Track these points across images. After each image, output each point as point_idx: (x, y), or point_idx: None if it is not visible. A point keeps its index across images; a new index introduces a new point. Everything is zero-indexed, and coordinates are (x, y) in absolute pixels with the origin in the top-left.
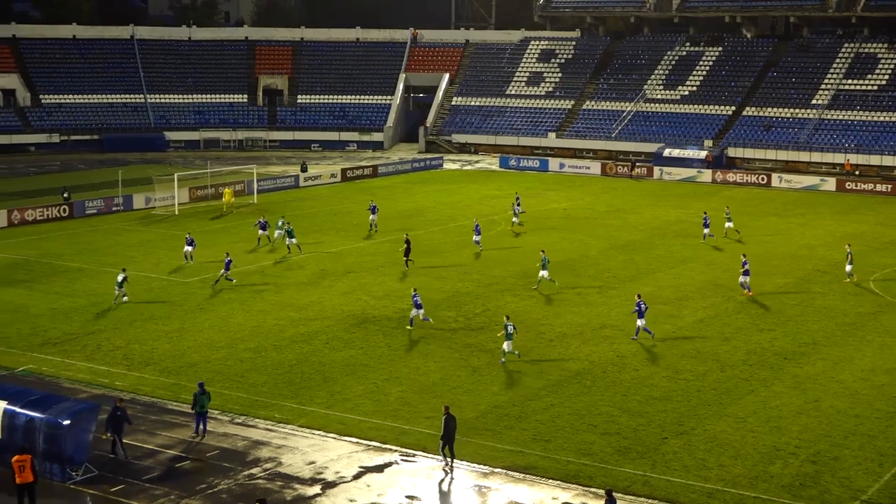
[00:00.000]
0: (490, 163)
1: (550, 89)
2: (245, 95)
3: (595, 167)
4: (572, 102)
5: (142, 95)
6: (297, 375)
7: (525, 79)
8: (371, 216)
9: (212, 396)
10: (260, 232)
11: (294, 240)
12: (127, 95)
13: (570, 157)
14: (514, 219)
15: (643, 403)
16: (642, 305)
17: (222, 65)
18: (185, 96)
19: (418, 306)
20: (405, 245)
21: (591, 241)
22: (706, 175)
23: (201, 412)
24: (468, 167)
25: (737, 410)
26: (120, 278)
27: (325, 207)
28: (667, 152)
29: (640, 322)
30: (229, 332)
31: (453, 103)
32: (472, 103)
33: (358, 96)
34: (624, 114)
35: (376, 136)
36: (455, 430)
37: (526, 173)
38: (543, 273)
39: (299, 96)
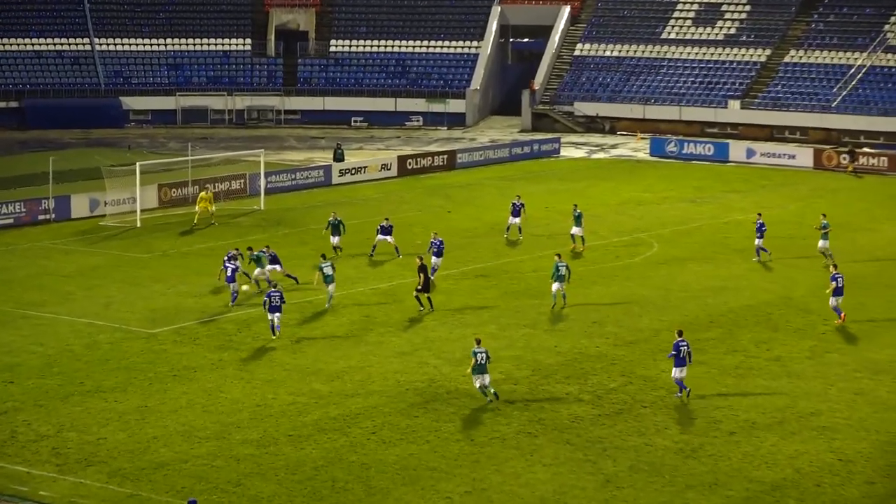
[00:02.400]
0: (635, 147)
1: (733, 31)
2: (248, 40)
3: (804, 155)
4: (768, 52)
5: (86, 40)
6: (325, 484)
7: (692, 14)
8: (379, 237)
9: None
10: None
11: (278, 267)
12: (62, 40)
13: (764, 139)
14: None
15: None
16: None
17: None
18: (154, 42)
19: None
20: (421, 276)
21: (796, 275)
22: None
23: None
24: (599, 154)
25: None
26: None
27: (373, 217)
28: None
29: None
30: (219, 414)
31: (577, 54)
32: (607, 53)
33: (425, 42)
34: (851, 71)
35: (454, 106)
36: None
37: (692, 164)
38: None
39: (332, 42)
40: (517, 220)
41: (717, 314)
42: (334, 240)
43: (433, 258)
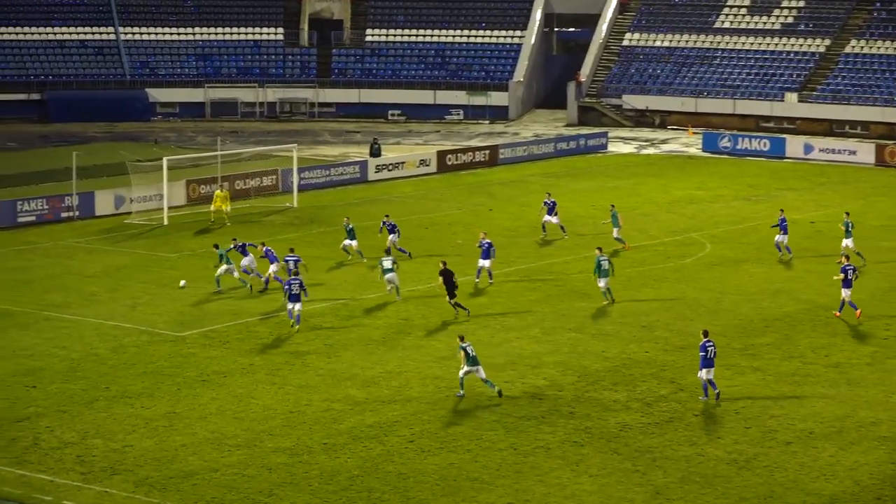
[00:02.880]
0: (687, 143)
1: (790, 21)
2: (280, 30)
3: (865, 151)
4: (827, 42)
5: (111, 29)
6: (360, 495)
7: (747, 2)
8: (389, 236)
9: None
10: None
11: (232, 268)
12: (86, 29)
13: (823, 133)
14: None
15: None
16: None
17: None
18: (182, 31)
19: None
20: (441, 279)
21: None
22: None
23: None
24: (650, 150)
25: None
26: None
27: (410, 216)
28: None
29: None
30: (250, 421)
31: (625, 44)
32: (657, 43)
33: (466, 31)
34: None
35: (496, 99)
36: None
37: (747, 160)
38: None
39: (368, 31)
40: (555, 218)
41: (773, 318)
42: (352, 243)
43: (480, 260)
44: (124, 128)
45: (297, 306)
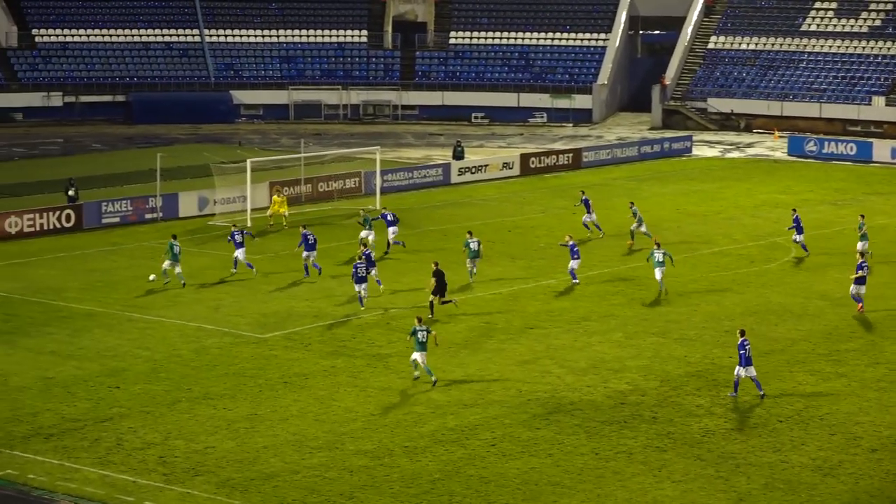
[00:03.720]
0: (772, 147)
1: (878, 23)
2: (364, 32)
3: None
4: None
5: (196, 31)
6: (441, 499)
7: (834, 5)
8: (369, 235)
9: None
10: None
11: (176, 263)
12: (171, 32)
13: None
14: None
15: None
16: None
17: None
18: (266, 33)
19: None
20: (433, 280)
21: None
22: None
23: None
24: (734, 153)
25: None
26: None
27: (494, 219)
28: None
29: None
30: (332, 424)
31: (710, 47)
32: (743, 46)
33: (550, 34)
34: None
35: (580, 101)
36: None
37: (833, 164)
38: None
39: (452, 34)
40: (593, 216)
41: (859, 324)
42: (370, 236)
43: (572, 261)
44: (208, 130)
45: (364, 287)
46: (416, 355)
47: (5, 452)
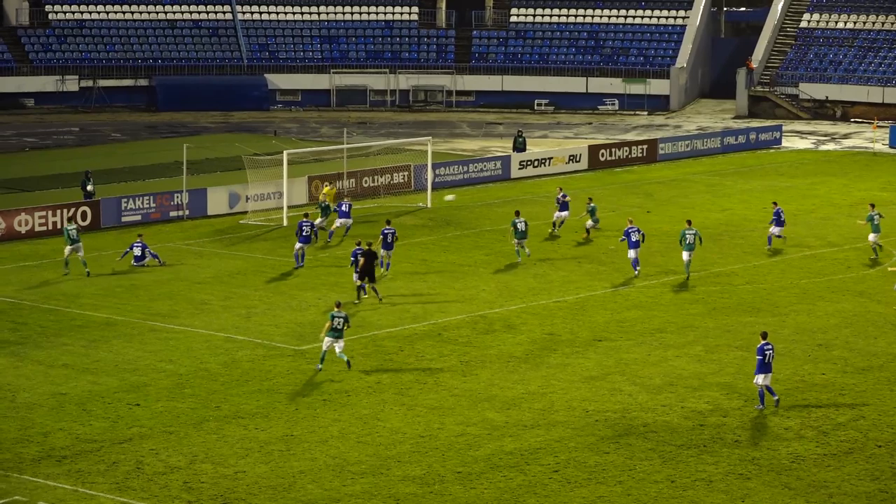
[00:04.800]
0: (873, 138)
1: None
2: (414, 9)
3: None
4: None
5: (227, 8)
6: None
7: None
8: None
9: None
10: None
11: (78, 247)
12: (200, 8)
13: None
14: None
15: None
16: None
17: None
18: (305, 11)
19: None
20: (362, 259)
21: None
22: None
23: None
24: (829, 145)
25: None
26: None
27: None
28: None
29: None
30: (376, 446)
31: (803, 25)
32: (839, 25)
33: (622, 11)
34: None
35: (656, 87)
36: None
37: None
38: None
39: (513, 10)
40: (565, 213)
41: None
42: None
43: (629, 251)
44: (240, 118)
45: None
46: (328, 342)
47: (13, 476)
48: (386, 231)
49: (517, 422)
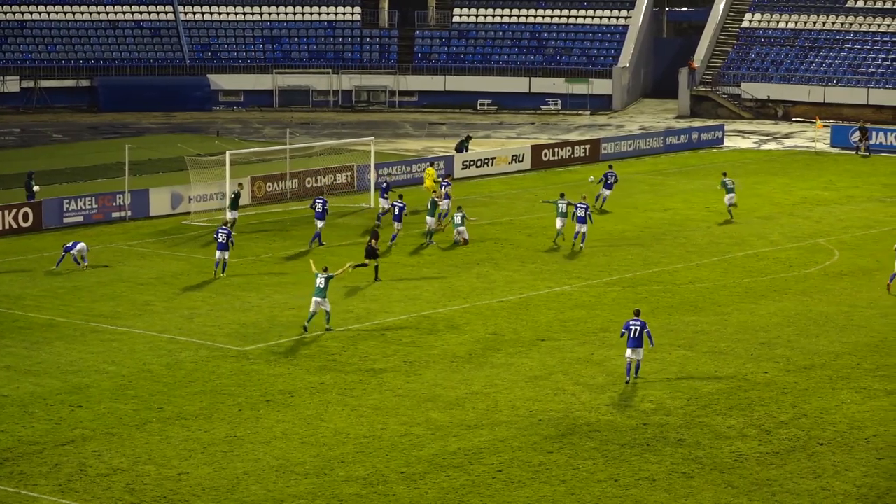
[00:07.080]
0: (814, 137)
1: None
2: (357, 10)
3: None
4: None
5: (169, 9)
6: None
7: None
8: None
9: None
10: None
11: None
12: (142, 9)
13: None
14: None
15: None
16: None
17: None
18: (247, 11)
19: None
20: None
21: None
22: None
23: None
24: (771, 145)
25: None
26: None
27: (501, 217)
28: None
29: None
30: (320, 447)
31: (745, 26)
32: (781, 25)
33: (565, 11)
34: None
35: (599, 87)
36: None
37: (882, 157)
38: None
39: (456, 11)
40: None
41: None
42: (231, 214)
43: (577, 224)
44: (183, 118)
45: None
46: (316, 302)
47: None
48: (395, 204)
49: (461, 422)
